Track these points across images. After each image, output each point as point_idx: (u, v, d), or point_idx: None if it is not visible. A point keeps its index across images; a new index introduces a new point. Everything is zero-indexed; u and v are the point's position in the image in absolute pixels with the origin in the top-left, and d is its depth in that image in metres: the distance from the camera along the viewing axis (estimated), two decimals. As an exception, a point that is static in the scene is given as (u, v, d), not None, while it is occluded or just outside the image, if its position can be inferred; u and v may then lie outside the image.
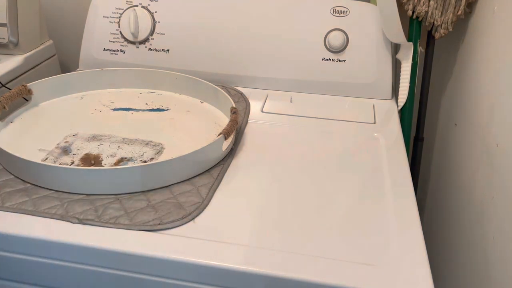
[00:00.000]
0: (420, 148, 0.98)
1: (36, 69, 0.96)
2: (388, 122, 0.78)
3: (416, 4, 0.83)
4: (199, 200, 0.58)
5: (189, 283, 0.51)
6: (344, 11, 0.85)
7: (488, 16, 0.75)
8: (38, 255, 0.54)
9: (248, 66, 0.87)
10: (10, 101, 0.72)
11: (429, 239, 0.97)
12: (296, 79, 0.86)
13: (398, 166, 0.66)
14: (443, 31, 0.85)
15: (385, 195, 0.60)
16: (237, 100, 0.82)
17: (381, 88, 0.85)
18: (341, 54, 0.85)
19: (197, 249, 0.51)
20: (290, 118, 0.79)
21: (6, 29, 0.90)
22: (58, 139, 0.70)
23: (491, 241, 0.64)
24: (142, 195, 0.59)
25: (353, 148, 0.70)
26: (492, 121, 0.69)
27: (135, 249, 0.51)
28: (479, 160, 0.72)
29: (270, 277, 0.48)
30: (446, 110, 0.96)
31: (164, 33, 0.89)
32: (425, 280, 0.48)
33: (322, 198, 0.60)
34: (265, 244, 0.52)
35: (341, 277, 0.48)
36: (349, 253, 0.51)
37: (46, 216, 0.55)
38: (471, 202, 0.74)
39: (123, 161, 0.65)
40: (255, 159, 0.67)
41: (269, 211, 0.57)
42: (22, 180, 0.61)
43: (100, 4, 0.90)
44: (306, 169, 0.65)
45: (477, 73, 0.78)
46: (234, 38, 0.86)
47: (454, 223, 0.83)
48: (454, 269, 0.81)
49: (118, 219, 0.54)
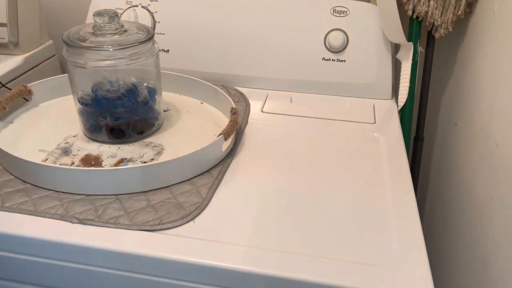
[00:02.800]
0: (420, 148, 0.98)
1: (36, 69, 0.96)
2: (388, 122, 0.78)
3: (416, 4, 0.83)
4: (199, 200, 0.58)
5: (189, 283, 0.51)
6: (344, 11, 0.85)
7: (488, 16, 0.75)
8: (38, 255, 0.54)
9: (248, 66, 0.87)
10: (10, 102, 0.72)
11: (429, 239, 0.97)
12: (296, 79, 0.86)
13: (398, 166, 0.66)
14: (443, 31, 0.85)
15: (385, 195, 0.60)
16: (237, 100, 0.82)
17: (381, 88, 0.85)
18: (341, 54, 0.85)
19: (197, 249, 0.51)
20: (290, 118, 0.79)
21: (6, 29, 0.90)
22: (58, 140, 0.70)
23: (491, 241, 0.64)
24: (142, 195, 0.59)
25: (353, 148, 0.70)
26: (492, 121, 0.69)
27: (135, 249, 0.51)
28: (479, 160, 0.72)
29: (270, 277, 0.48)
30: (446, 110, 0.96)
31: (164, 33, 0.89)
32: (425, 280, 0.48)
33: (322, 198, 0.60)
34: (265, 244, 0.52)
35: (341, 277, 0.48)
36: (349, 253, 0.51)
37: (46, 216, 0.55)
38: (471, 202, 0.74)
39: (123, 162, 0.65)
40: (255, 159, 0.67)
41: (269, 211, 0.57)
42: (22, 181, 0.61)
43: (100, 4, 0.90)
44: (306, 169, 0.65)
45: (477, 73, 0.78)
46: (234, 38, 0.86)
47: (454, 223, 0.83)
48: (454, 269, 0.81)
49: (118, 219, 0.54)
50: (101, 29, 0.67)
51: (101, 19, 0.66)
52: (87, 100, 0.68)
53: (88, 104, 0.68)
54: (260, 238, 0.53)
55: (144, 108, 0.70)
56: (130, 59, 0.66)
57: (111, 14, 0.67)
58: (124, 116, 0.69)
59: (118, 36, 0.66)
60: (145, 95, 0.70)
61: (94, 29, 0.67)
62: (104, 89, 0.68)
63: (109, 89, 0.68)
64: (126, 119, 0.69)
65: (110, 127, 0.69)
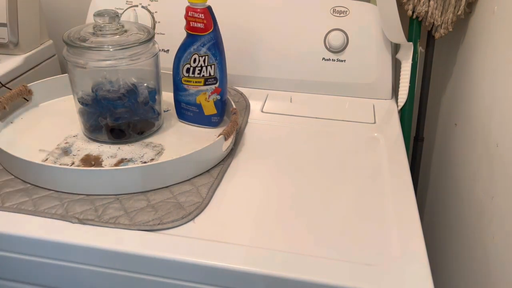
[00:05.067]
0: (420, 148, 0.98)
1: (36, 69, 0.96)
2: (388, 122, 0.78)
3: (416, 4, 0.83)
4: (199, 200, 0.58)
5: (189, 283, 0.51)
6: (344, 11, 0.85)
7: (488, 16, 0.75)
8: (38, 255, 0.54)
9: (248, 66, 0.87)
10: (10, 101, 0.72)
11: (429, 239, 0.97)
12: (296, 79, 0.86)
13: (398, 166, 0.66)
14: (443, 31, 0.85)
15: (385, 195, 0.60)
16: (237, 100, 0.83)
17: (381, 88, 0.85)
18: (341, 54, 0.85)
19: (197, 249, 0.51)
20: (290, 118, 0.79)
21: (6, 29, 0.90)
22: (58, 140, 0.70)
23: (491, 241, 0.64)
24: (142, 195, 0.59)
25: (353, 148, 0.70)
26: (492, 121, 0.69)
27: (135, 249, 0.51)
28: (479, 160, 0.72)
29: (270, 277, 0.48)
30: (446, 110, 0.96)
31: (164, 33, 0.89)
32: (425, 280, 0.48)
33: (322, 198, 0.60)
34: (265, 244, 0.52)
35: (341, 277, 0.48)
36: (349, 253, 0.51)
37: (46, 216, 0.55)
38: (471, 202, 0.74)
39: (123, 162, 0.65)
40: (255, 159, 0.67)
41: (269, 211, 0.57)
42: (22, 180, 0.61)
43: (100, 4, 0.90)
44: (306, 169, 0.65)
45: (477, 73, 0.78)
46: (234, 38, 0.86)
47: (454, 223, 0.83)
48: (454, 269, 0.81)
49: (118, 219, 0.54)
50: (101, 29, 0.67)
51: (101, 19, 0.66)
52: (88, 100, 0.68)
53: (89, 104, 0.69)
54: (260, 238, 0.53)
55: (144, 108, 0.70)
56: (131, 59, 0.66)
57: (111, 14, 0.67)
58: (124, 116, 0.69)
59: (118, 36, 0.66)
60: (145, 95, 0.70)
61: (95, 29, 0.67)
62: (105, 89, 0.68)
63: (109, 89, 0.68)
64: (126, 119, 0.69)
65: (110, 127, 0.69)
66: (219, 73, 0.71)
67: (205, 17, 0.67)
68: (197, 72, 0.70)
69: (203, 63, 0.70)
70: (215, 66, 0.70)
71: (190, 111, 0.74)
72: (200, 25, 0.68)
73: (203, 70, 0.70)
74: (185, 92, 0.72)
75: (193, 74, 0.71)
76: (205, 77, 0.71)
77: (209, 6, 0.68)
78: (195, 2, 0.67)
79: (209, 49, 0.69)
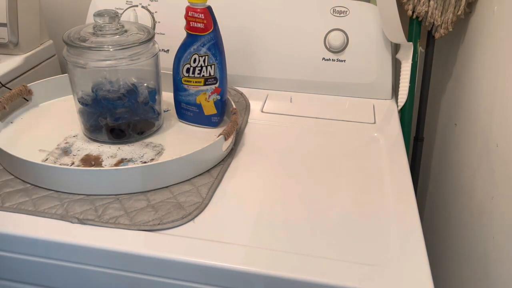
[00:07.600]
0: (420, 148, 0.98)
1: (36, 69, 0.96)
2: (388, 122, 0.78)
3: (416, 4, 0.83)
4: (199, 200, 0.58)
5: (189, 283, 0.51)
6: (344, 11, 0.85)
7: (488, 16, 0.75)
8: (38, 255, 0.54)
9: (248, 66, 0.87)
10: (10, 101, 0.72)
11: (429, 239, 0.97)
12: (296, 79, 0.86)
13: (398, 166, 0.66)
14: (443, 31, 0.85)
15: (385, 195, 0.60)
16: (237, 100, 0.83)
17: (381, 88, 0.85)
18: (341, 54, 0.85)
19: (197, 249, 0.51)
20: (290, 118, 0.79)
21: (6, 29, 0.90)
22: (58, 140, 0.70)
23: (491, 241, 0.64)
24: (142, 195, 0.59)
25: (353, 148, 0.70)
26: (492, 121, 0.69)
27: (135, 249, 0.51)
28: (479, 160, 0.72)
29: (270, 277, 0.48)
30: (446, 110, 0.96)
31: (164, 33, 0.89)
32: (425, 280, 0.48)
33: (322, 198, 0.60)
34: (265, 244, 0.52)
35: (341, 277, 0.48)
36: (349, 253, 0.51)
37: (46, 216, 0.55)
38: (471, 202, 0.74)
39: (123, 162, 0.65)
40: (255, 159, 0.67)
41: (269, 211, 0.57)
42: (22, 180, 0.61)
43: (100, 4, 0.90)
44: (306, 169, 0.65)
45: (477, 73, 0.78)
46: (234, 38, 0.86)
47: (454, 223, 0.83)
48: (454, 269, 0.81)
49: (118, 219, 0.54)
50: (101, 29, 0.67)
51: (101, 19, 0.66)
52: (88, 100, 0.68)
53: (89, 104, 0.69)
54: (260, 238, 0.53)
55: (144, 108, 0.70)
56: (131, 59, 0.66)
57: (111, 14, 0.67)
58: (124, 116, 0.69)
59: (118, 37, 0.66)
60: (145, 95, 0.70)
61: (95, 29, 0.67)
62: (105, 89, 0.68)
63: (109, 89, 0.68)
64: (126, 119, 0.69)
65: (110, 127, 0.69)
66: (219, 73, 0.71)
67: (205, 17, 0.67)
68: (197, 72, 0.70)
69: (203, 63, 0.70)
70: (215, 66, 0.70)
71: (190, 111, 0.74)
72: (200, 25, 0.68)
73: (203, 70, 0.70)
74: (185, 92, 0.72)
75: (193, 74, 0.71)
76: (205, 77, 0.71)
77: (209, 6, 0.68)
78: (195, 2, 0.67)
79: (209, 49, 0.69)
